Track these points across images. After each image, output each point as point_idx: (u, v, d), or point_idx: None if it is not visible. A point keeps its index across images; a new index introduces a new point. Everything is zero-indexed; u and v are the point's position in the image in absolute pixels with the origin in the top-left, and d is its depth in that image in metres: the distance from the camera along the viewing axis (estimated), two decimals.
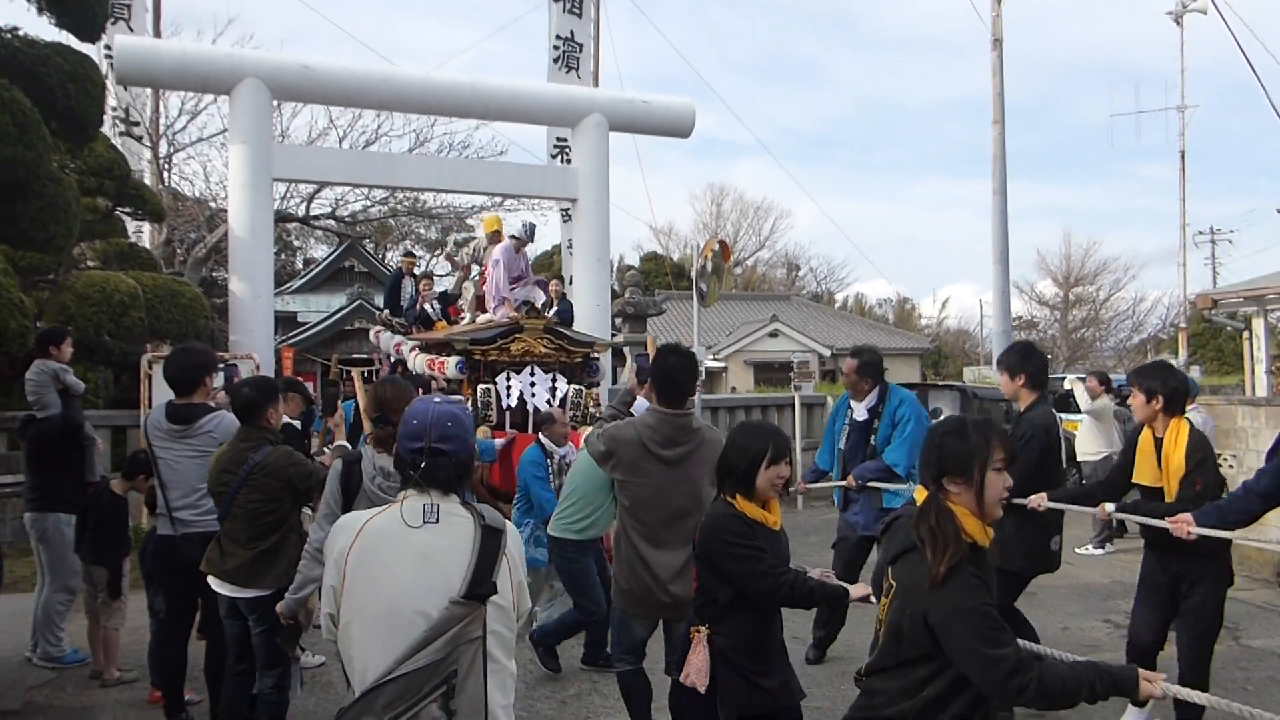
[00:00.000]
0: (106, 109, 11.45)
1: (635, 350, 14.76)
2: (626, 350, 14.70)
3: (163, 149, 19.60)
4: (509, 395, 8.89)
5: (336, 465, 3.88)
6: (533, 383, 9.05)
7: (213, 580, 4.26)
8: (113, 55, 11.76)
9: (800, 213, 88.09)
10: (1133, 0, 71.88)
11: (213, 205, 21.54)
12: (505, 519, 2.33)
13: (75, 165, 10.85)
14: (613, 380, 13.87)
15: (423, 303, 11.72)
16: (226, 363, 9.31)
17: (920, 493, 2.59)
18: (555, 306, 11.41)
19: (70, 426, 6.00)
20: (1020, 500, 4.46)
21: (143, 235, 16.52)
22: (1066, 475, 5.91)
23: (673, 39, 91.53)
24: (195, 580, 4.37)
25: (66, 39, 9.38)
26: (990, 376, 26.49)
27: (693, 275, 17.70)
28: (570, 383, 9.17)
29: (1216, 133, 73.66)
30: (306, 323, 26.74)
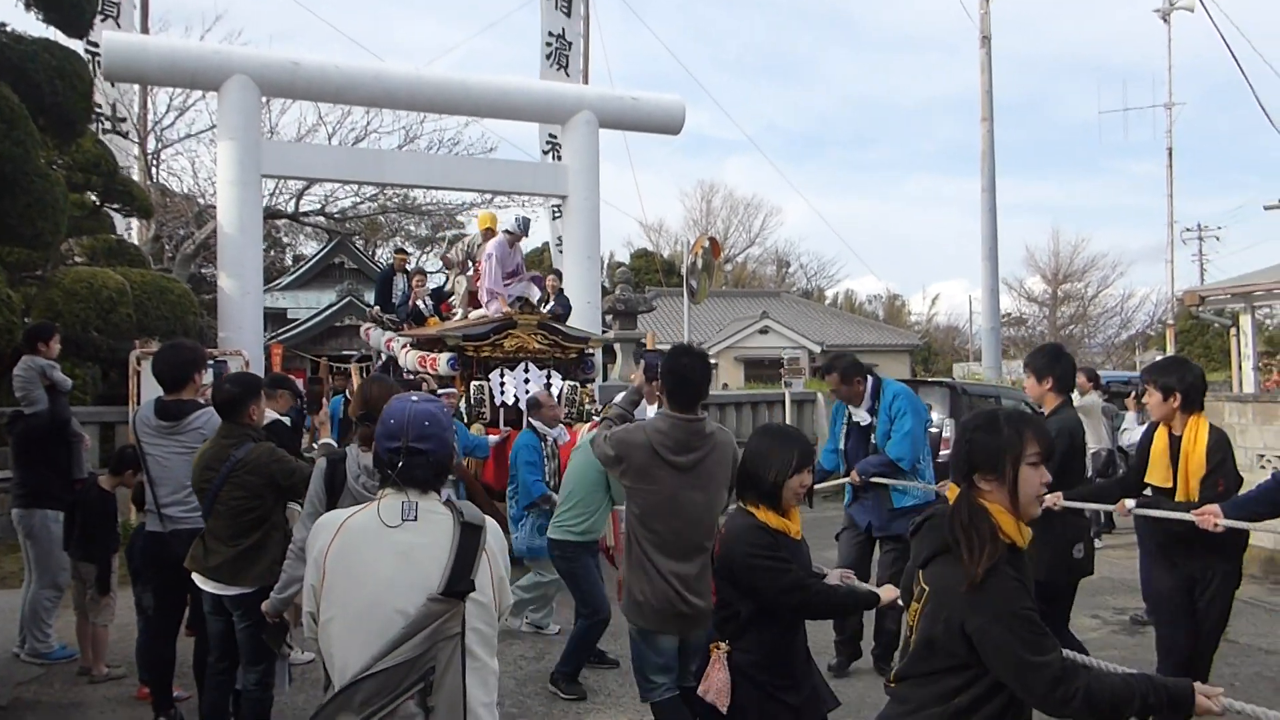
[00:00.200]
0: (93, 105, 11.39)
1: (628, 346, 14.78)
2: (617, 347, 14.70)
3: (151, 145, 19.54)
4: (503, 392, 8.82)
5: (320, 464, 3.84)
6: (527, 379, 8.96)
7: (197, 577, 4.26)
8: (101, 52, 11.71)
9: (790, 210, 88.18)
10: None
11: (201, 201, 21.45)
12: (489, 516, 2.32)
13: (63, 161, 10.81)
14: (603, 378, 13.88)
15: (416, 299, 11.60)
16: (215, 359, 9.30)
17: (952, 491, 2.45)
18: (552, 302, 11.30)
19: (57, 423, 5.99)
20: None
21: (131, 231, 16.46)
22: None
23: (663, 37, 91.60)
24: (184, 577, 4.35)
25: (54, 35, 9.35)
26: (979, 373, 26.58)
27: (683, 272, 17.74)
28: (565, 379, 9.10)
29: (1204, 130, 74.13)
30: (296, 319, 26.67)
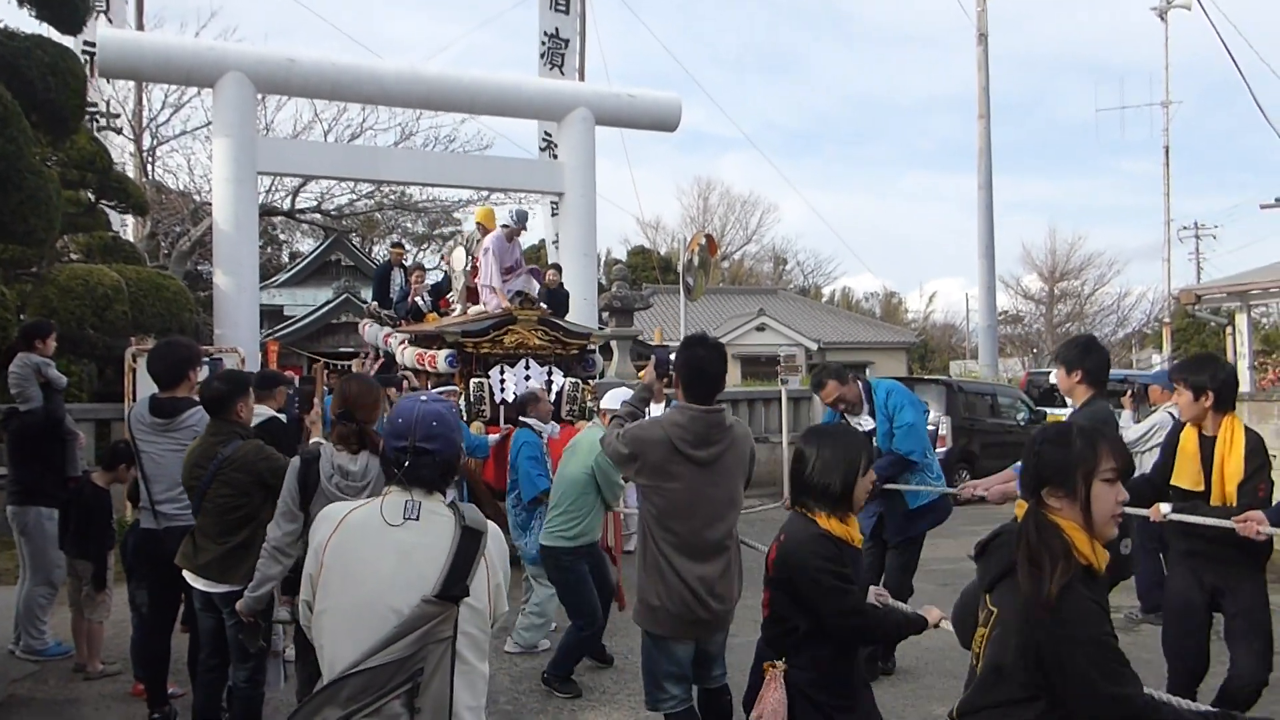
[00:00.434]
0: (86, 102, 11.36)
1: (624, 344, 14.77)
2: (614, 344, 14.69)
3: (146, 142, 19.49)
4: (503, 389, 8.66)
5: (294, 462, 3.81)
6: (527, 376, 8.80)
7: (187, 574, 4.27)
8: (95, 48, 11.69)
9: (787, 207, 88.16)
10: None
11: (197, 198, 21.42)
12: (493, 517, 2.32)
13: (57, 158, 10.77)
14: (599, 375, 13.84)
15: (414, 295, 11.49)
16: (211, 356, 9.28)
17: (1020, 507, 2.30)
18: (537, 287, 11.08)
19: (51, 420, 5.99)
20: None
21: (127, 229, 16.43)
22: None
23: (660, 34, 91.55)
24: (177, 574, 4.36)
25: (47, 31, 9.32)
26: (976, 370, 26.61)
27: (680, 269, 17.74)
28: (566, 376, 8.94)
29: (1200, 128, 74.08)
30: (293, 316, 26.61)
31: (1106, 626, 2.08)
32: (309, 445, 4.36)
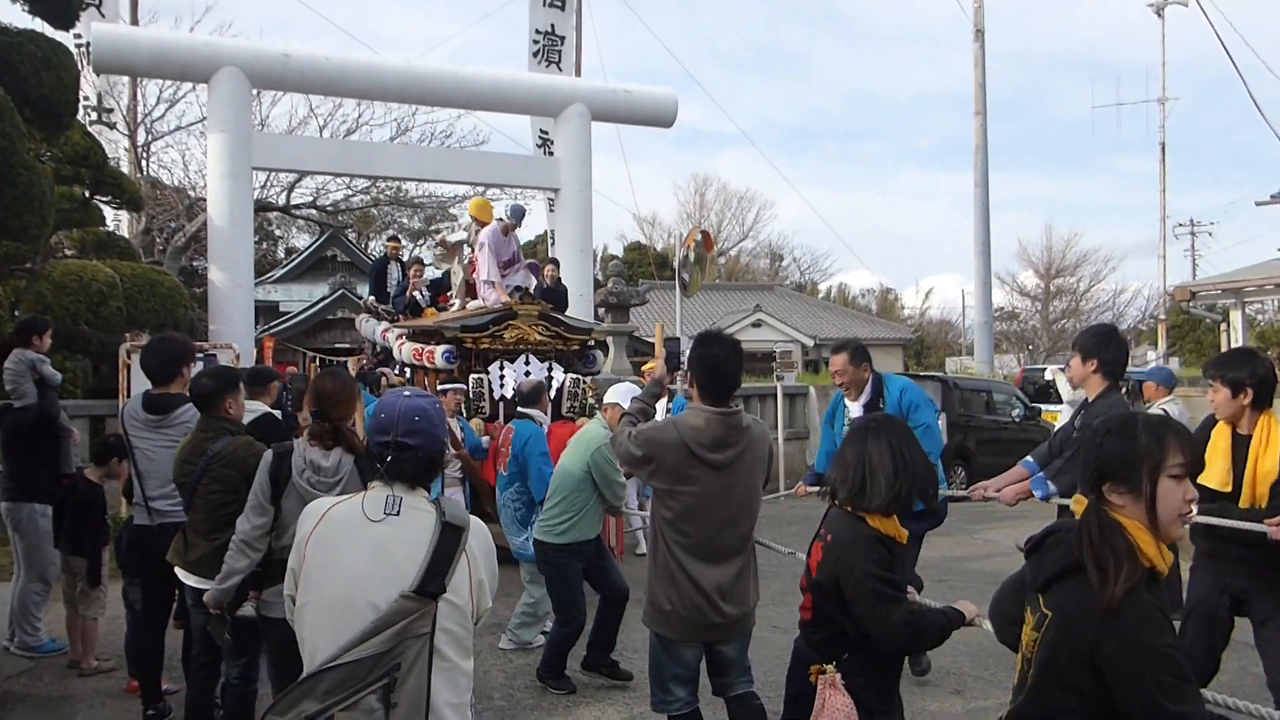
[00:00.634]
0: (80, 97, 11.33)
1: (620, 340, 14.76)
2: (610, 340, 14.68)
3: (141, 137, 19.43)
4: (502, 385, 8.55)
5: (267, 456, 3.77)
6: (528, 372, 8.68)
7: (178, 570, 4.26)
8: (90, 43, 11.65)
9: (784, 203, 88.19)
10: None
11: (192, 194, 21.35)
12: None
13: (51, 154, 10.75)
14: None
15: (413, 290, 11.34)
16: (205, 353, 9.25)
17: (1079, 503, 2.15)
18: (534, 281, 10.96)
19: (46, 417, 5.98)
20: (1066, 502, 4.07)
21: (121, 224, 16.39)
22: None
23: (657, 30, 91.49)
24: (172, 570, 4.35)
25: (40, 27, 9.30)
26: (971, 367, 26.62)
27: (676, 265, 17.73)
28: (566, 371, 8.79)
29: (1197, 125, 74.31)
30: (288, 312, 26.58)
31: (1169, 637, 1.94)
32: None
